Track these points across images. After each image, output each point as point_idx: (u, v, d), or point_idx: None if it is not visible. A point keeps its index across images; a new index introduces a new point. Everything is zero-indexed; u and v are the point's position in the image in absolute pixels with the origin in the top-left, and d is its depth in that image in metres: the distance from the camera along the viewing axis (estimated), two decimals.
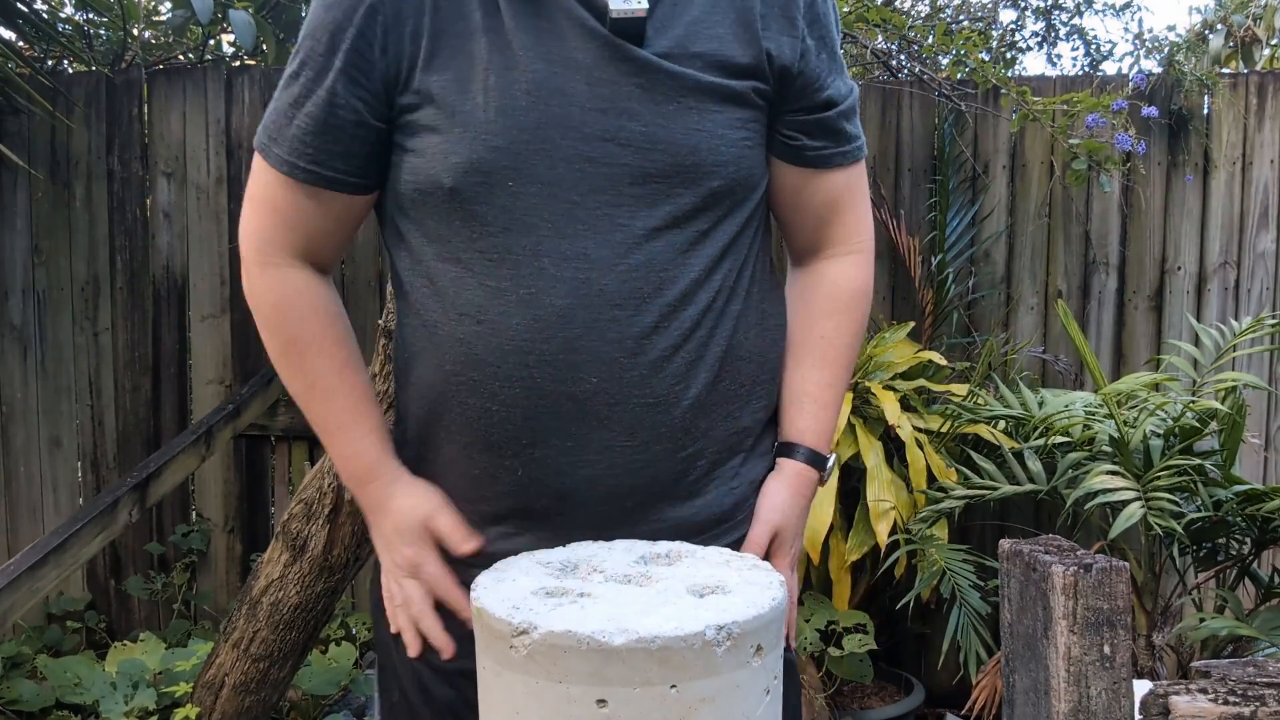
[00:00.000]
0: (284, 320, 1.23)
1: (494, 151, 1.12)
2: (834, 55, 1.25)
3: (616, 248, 1.13)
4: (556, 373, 1.13)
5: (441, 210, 1.15)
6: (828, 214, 1.29)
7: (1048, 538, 1.06)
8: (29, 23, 3.46)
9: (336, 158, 1.18)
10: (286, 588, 2.41)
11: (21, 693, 2.95)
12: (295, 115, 1.17)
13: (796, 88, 1.22)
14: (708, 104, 1.16)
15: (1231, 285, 3.47)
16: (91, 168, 3.50)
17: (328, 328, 1.24)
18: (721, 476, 1.23)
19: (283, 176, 1.19)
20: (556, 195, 1.13)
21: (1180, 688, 1.02)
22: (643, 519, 1.18)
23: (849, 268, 1.32)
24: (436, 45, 1.15)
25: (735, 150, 1.18)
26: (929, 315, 3.37)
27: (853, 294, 1.32)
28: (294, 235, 1.22)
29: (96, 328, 3.54)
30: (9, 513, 3.58)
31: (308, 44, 1.17)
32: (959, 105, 3.37)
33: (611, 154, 1.13)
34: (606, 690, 0.84)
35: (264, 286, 1.23)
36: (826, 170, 1.26)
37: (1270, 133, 3.43)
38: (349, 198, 1.21)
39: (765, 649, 0.90)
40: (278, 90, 1.20)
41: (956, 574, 2.69)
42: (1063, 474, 2.74)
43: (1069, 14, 4.42)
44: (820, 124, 1.24)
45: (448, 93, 1.14)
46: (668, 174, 1.14)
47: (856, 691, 3.15)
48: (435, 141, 1.14)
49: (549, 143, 1.12)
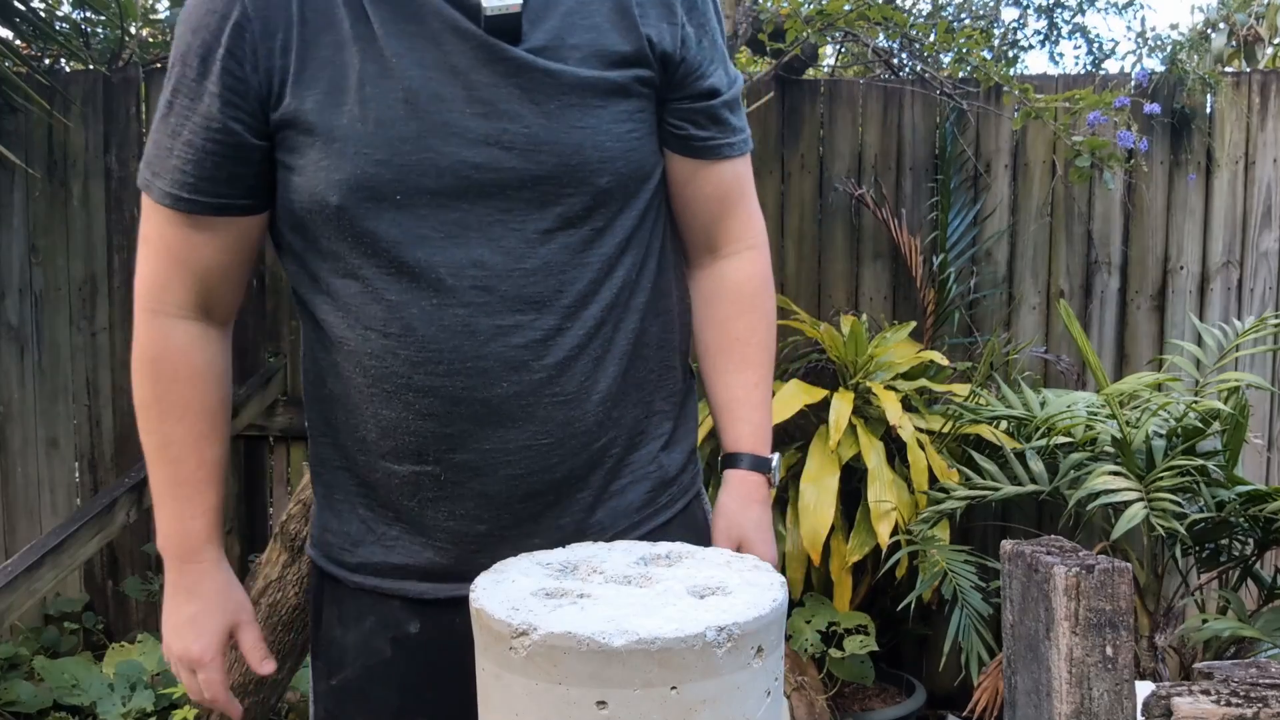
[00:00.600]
0: (156, 377, 1.23)
1: (377, 165, 1.10)
2: (715, 44, 1.25)
3: (511, 253, 1.13)
4: (468, 380, 1.14)
5: (331, 227, 1.13)
6: (719, 208, 1.30)
7: (1050, 538, 1.06)
8: (26, 21, 3.46)
9: (221, 184, 1.15)
10: (285, 589, 2.41)
11: (19, 694, 2.94)
12: (174, 146, 1.15)
13: (679, 76, 1.21)
14: (590, 100, 1.14)
15: (1234, 285, 3.46)
16: (89, 167, 3.50)
17: (196, 394, 1.24)
18: (637, 462, 1.24)
19: (169, 211, 1.17)
20: (445, 205, 1.11)
21: (1183, 689, 1.02)
22: (564, 512, 1.20)
23: (747, 264, 1.32)
24: (306, 57, 1.12)
25: (622, 145, 1.16)
26: (930, 315, 3.36)
27: (756, 290, 1.33)
28: (188, 277, 1.20)
29: (94, 327, 3.53)
30: (6, 513, 3.57)
31: (178, 70, 1.15)
32: (961, 104, 3.37)
33: (496, 159, 1.11)
34: (606, 692, 0.83)
35: (147, 338, 1.22)
36: (714, 161, 1.26)
37: (1273, 132, 3.42)
38: (240, 220, 1.19)
39: (766, 650, 0.89)
40: (154, 122, 1.18)
41: (958, 575, 2.69)
42: (1065, 475, 2.74)
43: (1071, 12, 4.41)
44: (705, 113, 1.24)
45: (322, 107, 1.11)
46: (555, 175, 1.13)
47: (858, 693, 3.14)
48: (315, 159, 1.12)
49: (432, 151, 1.11)
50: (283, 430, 3.48)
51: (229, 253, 1.21)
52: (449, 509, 1.19)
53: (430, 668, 1.22)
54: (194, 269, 1.20)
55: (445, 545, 1.20)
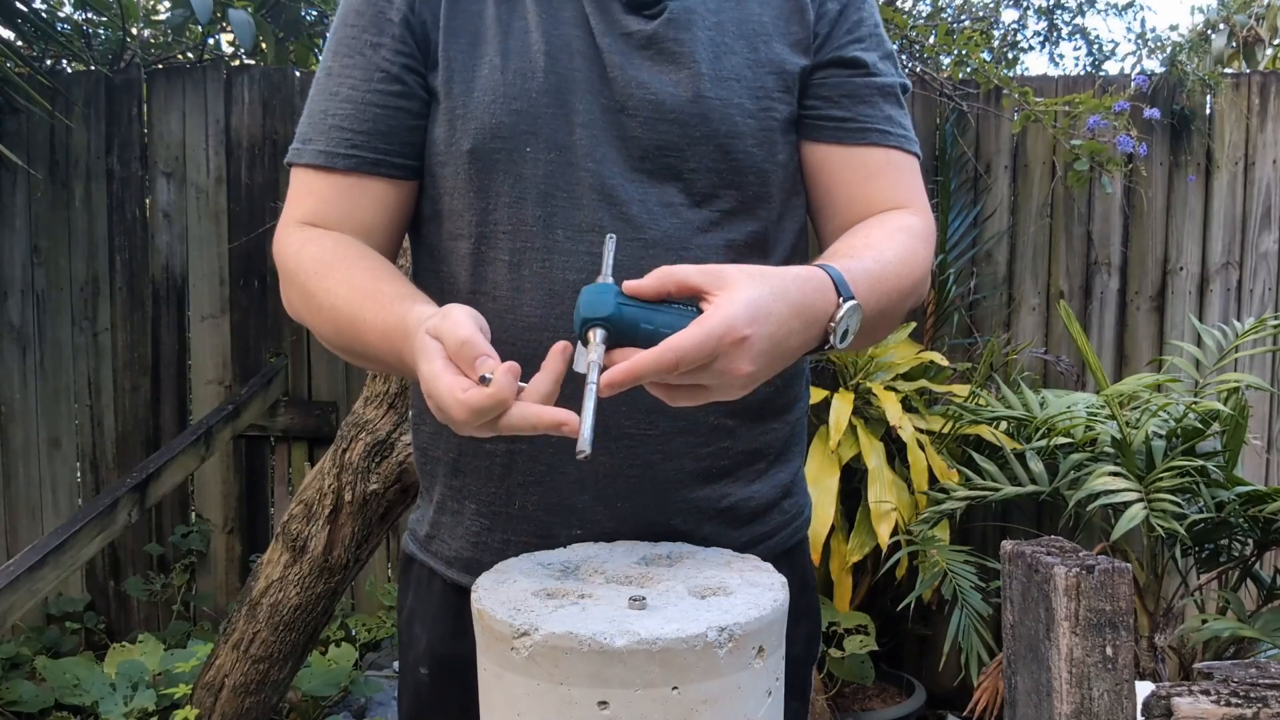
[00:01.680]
0: (312, 257, 1.09)
1: (513, 115, 1.07)
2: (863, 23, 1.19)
3: (632, 221, 1.08)
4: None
5: (456, 181, 1.10)
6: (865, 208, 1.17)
7: (1050, 539, 1.06)
8: (28, 22, 3.46)
9: (378, 138, 1.11)
10: (286, 589, 2.41)
11: (21, 694, 2.95)
12: (330, 107, 1.11)
13: (814, 46, 1.16)
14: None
15: (1234, 286, 3.46)
16: (91, 167, 3.50)
17: (357, 249, 1.10)
18: (752, 471, 1.16)
19: (322, 173, 1.11)
20: (572, 163, 1.08)
21: (1183, 689, 1.02)
22: (672, 502, 1.11)
23: (903, 214, 1.15)
24: (455, 5, 1.11)
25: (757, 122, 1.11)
26: (930, 316, 3.36)
27: (907, 225, 1.12)
28: (338, 221, 1.12)
29: (96, 328, 3.53)
30: (8, 513, 3.57)
31: (340, 33, 1.13)
32: (961, 106, 3.37)
33: (621, 124, 1.08)
34: (608, 692, 0.84)
35: (300, 237, 1.11)
36: (859, 146, 1.15)
37: (1273, 133, 3.43)
38: (393, 187, 1.13)
39: (767, 650, 0.89)
40: (309, 101, 1.14)
41: (958, 575, 2.69)
42: (1065, 475, 2.74)
43: (1071, 13, 4.41)
44: (847, 89, 1.16)
45: (463, 55, 1.10)
46: (683, 149, 1.09)
47: (858, 693, 3.15)
48: (450, 106, 1.10)
49: (565, 107, 1.08)
50: (284, 430, 3.48)
51: (383, 215, 1.13)
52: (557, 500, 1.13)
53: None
54: (344, 222, 1.12)
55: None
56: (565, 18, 1.10)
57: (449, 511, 1.19)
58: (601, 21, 1.09)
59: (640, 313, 0.87)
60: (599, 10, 1.09)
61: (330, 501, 2.35)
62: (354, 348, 1.06)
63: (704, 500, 1.13)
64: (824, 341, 0.97)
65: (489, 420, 0.86)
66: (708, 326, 0.85)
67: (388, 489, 2.33)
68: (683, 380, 0.88)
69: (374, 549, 2.47)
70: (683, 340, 0.85)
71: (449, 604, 1.18)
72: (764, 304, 0.89)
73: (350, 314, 1.03)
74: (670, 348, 0.84)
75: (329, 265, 1.07)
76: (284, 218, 1.14)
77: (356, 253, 1.08)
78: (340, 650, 3.11)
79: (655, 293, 0.89)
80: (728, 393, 0.90)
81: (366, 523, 2.37)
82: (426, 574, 1.22)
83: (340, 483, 2.34)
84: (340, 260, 1.07)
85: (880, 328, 1.08)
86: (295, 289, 1.10)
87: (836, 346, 0.97)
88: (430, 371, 0.89)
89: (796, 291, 0.93)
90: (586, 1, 1.10)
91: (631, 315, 0.87)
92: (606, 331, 0.86)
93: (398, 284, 1.04)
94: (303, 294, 1.09)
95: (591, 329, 0.87)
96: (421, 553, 1.23)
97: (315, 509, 2.37)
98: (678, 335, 0.85)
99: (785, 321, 0.91)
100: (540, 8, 1.10)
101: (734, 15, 1.12)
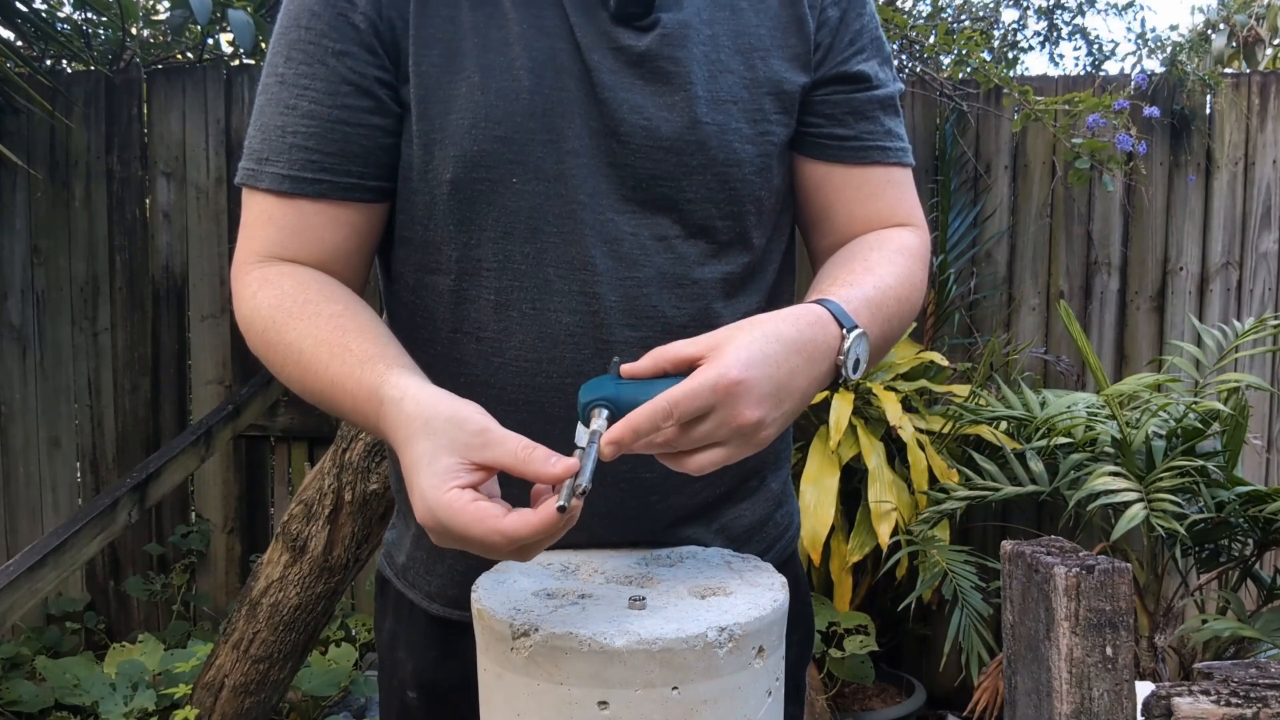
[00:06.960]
0: (277, 297, 0.99)
1: (497, 142, 0.98)
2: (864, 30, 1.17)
3: (624, 259, 1.01)
4: (565, 399, 0.99)
5: (434, 211, 1.02)
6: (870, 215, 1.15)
7: (1050, 539, 1.06)
8: (28, 22, 3.46)
9: (351, 160, 1.01)
10: (286, 589, 2.41)
11: (21, 694, 2.95)
12: (288, 123, 1.00)
13: (816, 60, 1.11)
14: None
15: (1234, 286, 3.46)
16: (91, 167, 3.50)
17: (329, 287, 1.00)
18: (744, 491, 1.14)
19: (284, 199, 1.00)
20: (562, 195, 1.00)
21: (1183, 689, 1.02)
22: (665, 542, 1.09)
23: (901, 232, 1.13)
24: (425, 9, 1.00)
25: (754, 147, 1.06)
26: (930, 316, 3.36)
27: (904, 244, 1.10)
28: (304, 255, 1.02)
29: (96, 328, 3.54)
30: (8, 513, 3.57)
31: (291, 35, 1.01)
32: (961, 105, 3.37)
33: (612, 151, 1.01)
34: (608, 692, 0.84)
35: (260, 277, 1.01)
36: (862, 165, 1.13)
37: (1273, 133, 3.43)
38: (366, 210, 1.03)
39: (767, 650, 0.89)
40: (255, 110, 1.03)
41: (958, 575, 2.69)
42: (1065, 475, 2.74)
43: (1071, 13, 4.41)
44: (849, 106, 1.12)
45: (438, 69, 1.00)
46: (677, 177, 1.02)
47: (858, 693, 3.15)
48: (425, 129, 1.00)
49: (553, 132, 0.99)
50: (284, 430, 3.48)
51: (353, 240, 1.03)
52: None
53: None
54: (311, 252, 1.02)
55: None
56: (548, 28, 1.00)
57: (425, 547, 1.12)
58: (589, 34, 1.00)
59: (640, 388, 0.88)
60: (586, 20, 1.00)
61: (330, 501, 2.36)
62: (323, 405, 0.98)
63: (700, 529, 1.12)
64: (836, 375, 0.97)
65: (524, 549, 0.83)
66: (700, 376, 0.85)
67: (388, 489, 2.33)
68: (694, 444, 0.87)
69: (374, 549, 2.47)
70: (675, 390, 0.85)
71: (433, 632, 1.14)
72: (756, 348, 0.88)
73: (316, 373, 0.95)
74: (664, 396, 0.85)
75: (289, 315, 0.97)
76: (239, 252, 1.03)
77: (320, 295, 0.98)
78: (340, 650, 3.12)
79: (652, 373, 0.88)
80: (744, 444, 0.89)
81: (366, 523, 2.37)
82: (407, 603, 1.16)
83: (340, 483, 2.34)
84: (302, 308, 0.97)
85: (881, 351, 1.07)
86: (254, 338, 1.00)
87: (850, 378, 0.97)
88: (440, 493, 0.83)
89: (791, 329, 0.92)
90: (571, 10, 1.00)
91: (630, 391, 0.88)
92: (609, 410, 0.87)
93: (367, 338, 0.95)
94: (263, 345, 0.99)
95: (594, 409, 0.87)
96: (398, 581, 1.17)
97: (315, 509, 2.37)
98: (673, 388, 0.85)
99: (784, 361, 0.90)
100: (520, 15, 1.00)
101: (729, 28, 1.05)
